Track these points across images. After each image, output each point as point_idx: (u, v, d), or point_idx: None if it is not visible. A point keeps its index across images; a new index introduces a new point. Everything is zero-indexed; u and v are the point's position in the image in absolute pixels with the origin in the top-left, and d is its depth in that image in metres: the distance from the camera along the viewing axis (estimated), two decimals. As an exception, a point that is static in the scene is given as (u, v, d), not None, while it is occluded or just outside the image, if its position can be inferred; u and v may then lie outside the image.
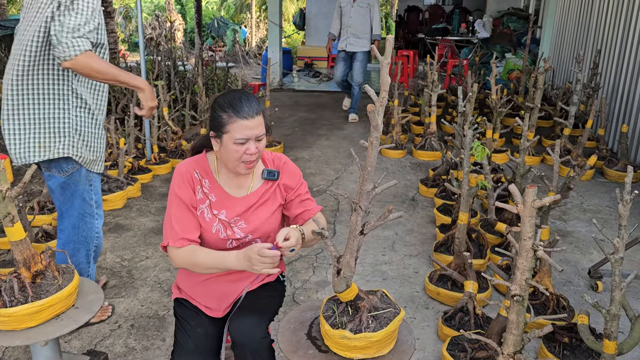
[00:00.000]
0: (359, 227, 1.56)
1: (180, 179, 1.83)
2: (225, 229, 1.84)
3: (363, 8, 6.65)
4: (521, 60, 8.00)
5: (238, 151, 1.73)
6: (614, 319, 1.93)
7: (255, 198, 1.88)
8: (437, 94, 5.29)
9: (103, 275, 3.09)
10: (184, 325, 1.87)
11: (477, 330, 2.47)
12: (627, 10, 5.62)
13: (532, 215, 1.68)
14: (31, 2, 2.23)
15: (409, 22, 15.09)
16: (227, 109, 1.73)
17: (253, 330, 1.75)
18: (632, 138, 5.16)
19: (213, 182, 1.86)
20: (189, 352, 1.81)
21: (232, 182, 1.87)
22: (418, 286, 3.08)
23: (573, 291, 3.05)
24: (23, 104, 2.24)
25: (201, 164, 1.88)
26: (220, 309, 1.91)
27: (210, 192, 1.85)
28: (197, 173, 1.85)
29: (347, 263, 1.59)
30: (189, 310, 1.92)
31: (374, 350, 1.60)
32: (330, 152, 5.69)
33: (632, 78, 5.33)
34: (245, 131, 1.71)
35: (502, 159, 5.10)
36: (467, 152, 2.93)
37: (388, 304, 1.69)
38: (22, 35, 2.22)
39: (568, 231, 3.82)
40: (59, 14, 2.11)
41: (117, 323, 2.70)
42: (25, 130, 2.25)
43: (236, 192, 1.88)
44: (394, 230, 3.80)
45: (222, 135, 1.74)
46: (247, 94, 1.77)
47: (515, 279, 1.79)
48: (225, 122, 1.72)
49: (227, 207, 1.85)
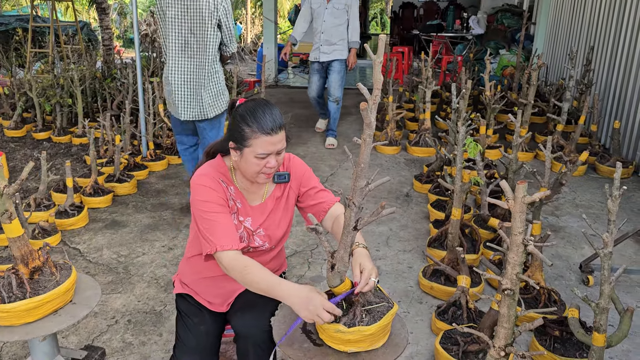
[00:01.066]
0: (352, 222, 1.58)
1: (208, 189, 1.74)
2: (248, 236, 1.85)
3: (339, 10, 5.53)
4: (515, 56, 8.04)
5: (259, 165, 1.70)
6: (603, 313, 1.96)
7: (271, 205, 1.89)
8: (432, 91, 5.32)
9: None
10: (186, 321, 1.89)
11: (469, 324, 2.51)
12: (619, 7, 5.66)
13: (523, 211, 1.71)
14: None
15: (403, 18, 15.12)
16: (251, 123, 1.68)
17: (255, 322, 1.78)
18: (624, 134, 5.21)
19: (237, 190, 1.84)
20: (190, 349, 1.83)
21: (249, 190, 1.86)
22: (412, 281, 3.12)
23: (565, 285, 3.09)
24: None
25: (222, 172, 1.82)
26: (224, 304, 1.93)
27: (237, 199, 1.84)
28: (222, 181, 1.80)
29: (340, 258, 1.62)
30: (192, 306, 1.93)
31: (367, 344, 1.63)
32: (325, 149, 5.72)
33: (624, 75, 5.38)
34: (268, 147, 1.68)
35: (496, 155, 5.14)
36: (460, 148, 2.96)
37: (382, 299, 1.72)
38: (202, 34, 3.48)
39: (560, 226, 3.87)
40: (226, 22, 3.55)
41: (114, 318, 2.72)
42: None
43: (252, 199, 1.87)
44: (388, 226, 3.83)
45: (243, 148, 1.70)
46: (270, 107, 1.72)
47: (506, 274, 1.83)
48: (248, 137, 1.68)
49: (251, 215, 1.85)
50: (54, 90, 5.97)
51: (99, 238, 3.60)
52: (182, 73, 3.54)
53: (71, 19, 14.35)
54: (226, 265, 1.71)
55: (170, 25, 3.45)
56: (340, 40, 5.60)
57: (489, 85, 5.24)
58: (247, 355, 1.78)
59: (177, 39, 3.48)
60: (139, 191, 4.45)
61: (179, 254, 3.33)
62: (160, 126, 5.30)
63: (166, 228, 3.77)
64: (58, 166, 5.07)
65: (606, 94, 5.82)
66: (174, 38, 3.48)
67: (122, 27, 19.97)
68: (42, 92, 6.14)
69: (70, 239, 3.57)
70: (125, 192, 4.34)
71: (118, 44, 17.11)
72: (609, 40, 5.90)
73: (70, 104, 6.03)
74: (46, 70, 7.68)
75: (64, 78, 6.10)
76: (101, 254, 3.39)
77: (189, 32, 3.46)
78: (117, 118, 5.78)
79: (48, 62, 8.10)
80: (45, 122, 6.21)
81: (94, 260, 3.29)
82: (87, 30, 12.96)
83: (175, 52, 3.51)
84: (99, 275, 3.13)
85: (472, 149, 3.21)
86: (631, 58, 5.21)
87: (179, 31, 3.46)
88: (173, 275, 2.10)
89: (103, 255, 3.37)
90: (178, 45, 3.49)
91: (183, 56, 3.51)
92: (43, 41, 10.56)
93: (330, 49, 5.59)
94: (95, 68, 6.92)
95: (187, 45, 3.49)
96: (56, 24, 9.02)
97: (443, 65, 8.99)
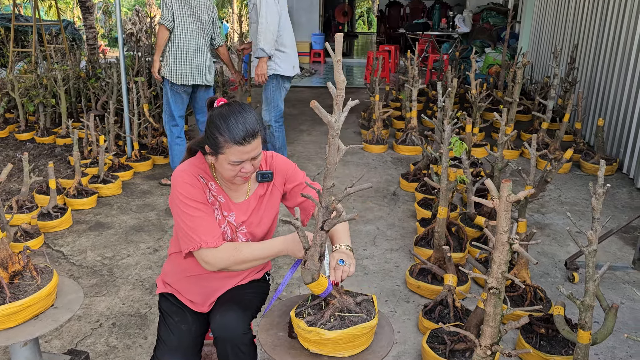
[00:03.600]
0: (320, 223, 1.58)
1: (188, 186, 1.75)
2: (231, 232, 1.84)
3: (251, 11, 4.45)
4: (500, 55, 8.08)
5: (233, 170, 1.70)
6: (588, 310, 1.97)
7: (254, 202, 1.88)
8: (418, 89, 5.33)
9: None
10: (167, 320, 1.88)
11: (456, 323, 2.51)
12: (602, 6, 5.71)
13: (508, 210, 1.71)
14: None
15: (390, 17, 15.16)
16: (223, 132, 1.66)
17: (234, 325, 1.76)
18: (608, 131, 5.26)
19: (217, 185, 1.84)
20: (171, 348, 1.81)
21: (231, 187, 1.86)
22: (399, 280, 3.12)
23: (550, 283, 3.11)
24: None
25: (202, 168, 1.82)
26: (205, 304, 1.91)
27: (218, 194, 1.83)
28: (202, 178, 1.80)
29: (311, 256, 1.61)
30: (174, 305, 1.92)
31: (329, 349, 1.60)
32: (312, 148, 5.71)
33: (607, 73, 5.43)
34: (241, 155, 1.67)
35: (482, 153, 5.16)
36: (445, 147, 2.96)
37: (366, 310, 1.69)
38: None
39: (546, 224, 3.89)
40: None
41: (99, 322, 2.69)
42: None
43: (235, 196, 1.87)
44: (375, 225, 3.83)
45: (217, 154, 1.70)
46: (244, 114, 1.69)
47: (491, 272, 1.83)
48: (221, 145, 1.67)
49: (234, 211, 1.85)
50: (37, 90, 5.89)
51: (82, 240, 3.56)
52: (198, 44, 4.30)
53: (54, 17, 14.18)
54: (211, 260, 1.72)
55: (189, 6, 4.22)
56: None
57: (474, 84, 5.26)
58: (227, 359, 1.76)
59: (193, 18, 4.27)
60: (124, 192, 4.40)
61: (164, 256, 3.30)
62: (145, 126, 5.24)
63: (151, 229, 3.73)
64: (41, 167, 5.00)
65: (590, 92, 5.88)
66: (191, 18, 4.25)
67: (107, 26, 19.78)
68: (25, 92, 6.05)
69: (54, 242, 3.52)
70: (109, 193, 4.29)
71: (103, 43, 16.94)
72: (592, 38, 5.96)
73: (54, 104, 5.96)
74: (29, 70, 7.58)
75: (47, 78, 6.02)
76: (85, 256, 3.34)
77: (204, 12, 4.33)
78: (101, 118, 5.72)
79: (31, 62, 7.99)
80: (28, 122, 6.13)
81: (77, 263, 3.25)
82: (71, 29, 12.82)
83: (191, 28, 4.26)
84: (82, 278, 3.09)
85: (458, 147, 3.22)
86: (614, 56, 5.26)
87: (196, 13, 4.28)
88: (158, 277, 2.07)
89: (87, 257, 3.33)
90: (194, 23, 4.28)
91: (198, 32, 4.30)
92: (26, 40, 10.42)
93: (255, 61, 4.52)
94: (79, 68, 6.83)
95: (201, 24, 4.32)
96: (39, 22, 8.90)
97: (429, 63, 9.02)
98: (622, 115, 4.99)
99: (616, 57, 5.21)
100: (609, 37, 5.46)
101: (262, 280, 2.05)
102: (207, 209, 1.76)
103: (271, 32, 4.28)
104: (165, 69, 4.25)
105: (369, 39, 20.45)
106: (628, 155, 4.80)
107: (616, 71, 5.20)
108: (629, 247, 3.53)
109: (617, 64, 5.17)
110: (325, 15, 14.20)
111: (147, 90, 5.19)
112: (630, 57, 4.85)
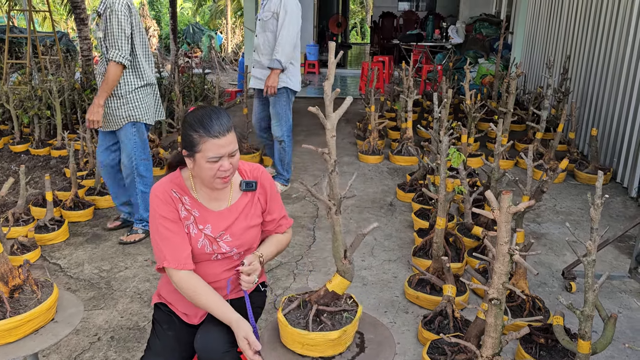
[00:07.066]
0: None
1: (159, 201, 1.80)
2: (210, 243, 1.84)
3: (266, 20, 4.29)
4: (494, 65, 8.16)
5: (212, 169, 1.73)
6: (587, 320, 1.99)
7: (237, 211, 1.89)
8: (413, 100, 5.37)
9: None
10: (157, 328, 1.91)
11: (456, 333, 2.52)
12: (594, 16, 5.79)
13: (508, 221, 1.73)
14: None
15: (383, 28, 15.28)
16: (197, 128, 1.71)
17: (215, 344, 1.76)
18: (602, 141, 5.31)
19: (192, 199, 1.85)
20: (154, 353, 1.82)
21: (211, 197, 1.87)
22: (398, 291, 3.12)
23: (548, 292, 3.12)
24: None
25: (177, 182, 1.85)
26: (196, 317, 1.92)
27: (192, 208, 1.84)
28: (175, 192, 1.83)
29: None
30: (164, 313, 1.94)
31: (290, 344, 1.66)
32: (308, 159, 5.72)
33: (600, 83, 5.49)
34: (217, 149, 1.70)
35: (477, 163, 5.19)
36: (443, 158, 2.98)
37: (340, 320, 1.69)
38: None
39: (542, 233, 3.91)
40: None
41: (97, 335, 2.67)
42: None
43: (216, 206, 1.87)
44: (373, 236, 3.83)
45: (194, 154, 1.73)
46: (217, 111, 1.75)
47: (492, 283, 1.84)
48: (197, 142, 1.71)
49: (212, 222, 1.85)
50: (31, 101, 5.88)
51: (80, 253, 3.54)
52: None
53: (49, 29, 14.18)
54: (176, 282, 1.79)
55: (144, 38, 3.59)
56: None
57: (469, 94, 5.31)
58: None
59: (148, 50, 3.68)
60: (121, 204, 4.38)
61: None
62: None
63: (148, 241, 3.72)
64: (37, 179, 4.98)
65: (583, 102, 5.94)
66: (148, 50, 3.65)
67: (101, 37, 19.76)
68: (20, 103, 6.04)
69: (51, 254, 3.50)
70: (106, 205, 4.27)
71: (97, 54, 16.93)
72: (585, 48, 6.03)
73: (49, 116, 5.94)
74: (24, 82, 7.56)
75: (42, 89, 6.01)
76: (82, 269, 3.33)
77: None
78: (96, 130, 5.70)
79: (25, 73, 7.98)
80: (23, 134, 6.11)
81: (75, 276, 3.23)
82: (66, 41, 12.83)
83: (150, 60, 3.67)
84: (80, 291, 3.07)
85: (456, 158, 3.24)
86: (606, 66, 5.33)
87: (147, 43, 3.67)
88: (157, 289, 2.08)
89: (84, 270, 3.31)
90: (149, 55, 3.68)
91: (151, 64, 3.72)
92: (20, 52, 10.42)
93: (263, 74, 4.40)
94: (74, 79, 6.83)
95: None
96: (34, 34, 8.90)
97: (423, 74, 9.09)
98: (616, 124, 5.04)
99: (609, 67, 5.28)
100: (601, 47, 5.53)
101: (256, 292, 2.04)
102: (177, 228, 1.80)
103: (291, 45, 4.24)
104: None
105: (363, 49, 20.58)
106: (622, 165, 4.84)
107: (609, 81, 5.26)
108: (625, 256, 3.56)
109: (610, 74, 5.23)
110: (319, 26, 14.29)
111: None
112: (623, 67, 4.92)
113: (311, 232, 3.90)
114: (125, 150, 3.58)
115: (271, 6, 4.24)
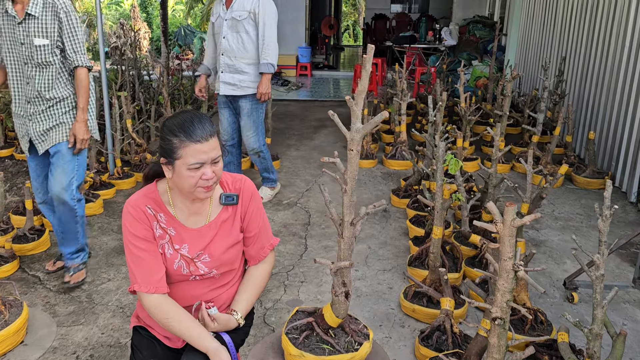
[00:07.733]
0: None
1: (132, 218, 1.66)
2: (187, 265, 1.70)
3: (241, 20, 3.97)
4: (488, 67, 8.06)
5: (193, 177, 1.58)
6: (596, 339, 1.87)
7: (215, 228, 1.74)
8: (407, 102, 5.25)
9: None
10: (136, 355, 1.76)
11: (455, 350, 2.39)
12: (590, 18, 5.70)
13: (512, 235, 1.60)
14: None
15: (376, 30, 15.18)
16: (178, 132, 1.57)
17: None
18: (599, 144, 5.21)
19: (169, 216, 1.70)
20: None
21: (189, 211, 1.72)
22: (393, 303, 2.99)
23: (549, 303, 3.00)
24: None
25: (152, 197, 1.70)
26: (179, 340, 1.77)
27: (168, 226, 1.70)
28: (150, 208, 1.68)
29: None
30: (144, 339, 1.79)
31: None
32: (300, 163, 5.59)
33: (596, 85, 5.40)
34: (199, 155, 1.57)
35: (473, 167, 5.08)
36: (439, 164, 2.86)
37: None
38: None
39: (541, 240, 3.80)
40: None
41: (75, 354, 2.52)
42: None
43: (194, 222, 1.73)
44: (367, 244, 3.71)
45: (174, 161, 1.58)
46: (199, 115, 1.62)
47: (495, 301, 1.71)
48: (177, 147, 1.57)
49: (188, 242, 1.71)
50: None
51: (60, 263, 3.38)
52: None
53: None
54: (147, 307, 1.66)
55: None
56: (249, 64, 4.04)
57: (463, 97, 5.19)
58: None
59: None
60: (105, 211, 4.24)
61: (147, 279, 3.14)
62: (128, 142, 5.09)
63: (134, 251, 3.57)
64: (20, 185, 4.82)
65: (580, 105, 5.84)
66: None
67: (92, 40, 19.59)
68: (4, 107, 5.87)
69: (30, 265, 3.34)
70: (90, 212, 4.12)
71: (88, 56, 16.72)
72: (580, 50, 5.94)
73: (33, 120, 5.77)
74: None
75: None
76: (62, 281, 3.17)
77: None
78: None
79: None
80: (7, 138, 5.94)
81: (54, 289, 3.08)
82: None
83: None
84: (59, 305, 2.91)
85: (454, 165, 3.12)
86: (603, 68, 5.24)
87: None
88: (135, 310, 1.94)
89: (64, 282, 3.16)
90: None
91: None
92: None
93: (235, 79, 4.06)
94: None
95: None
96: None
97: (417, 76, 8.98)
98: (613, 128, 4.94)
99: (605, 69, 5.19)
100: (597, 48, 5.44)
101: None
102: (150, 247, 1.66)
103: (276, 45, 4.02)
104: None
105: (355, 51, 20.49)
106: (620, 169, 4.74)
107: (605, 83, 5.16)
108: (627, 264, 3.45)
109: (607, 76, 5.14)
110: (311, 29, 14.16)
111: (130, 105, 5.05)
112: (620, 68, 4.82)
113: (303, 240, 3.77)
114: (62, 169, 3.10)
115: (245, 5, 3.97)
